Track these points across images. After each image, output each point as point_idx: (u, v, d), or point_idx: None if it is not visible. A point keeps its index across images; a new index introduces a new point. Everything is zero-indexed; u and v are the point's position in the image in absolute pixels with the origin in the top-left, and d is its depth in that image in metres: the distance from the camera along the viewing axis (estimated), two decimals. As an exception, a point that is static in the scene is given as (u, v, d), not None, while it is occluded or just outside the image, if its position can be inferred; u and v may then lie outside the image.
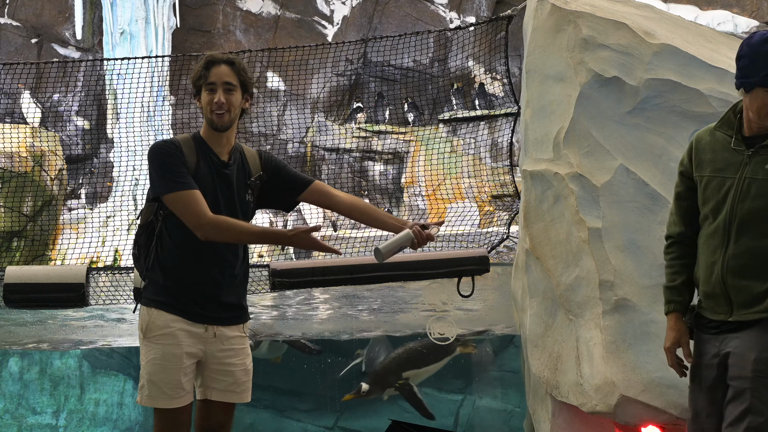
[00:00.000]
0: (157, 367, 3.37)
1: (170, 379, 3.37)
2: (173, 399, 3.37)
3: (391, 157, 14.99)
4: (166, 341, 3.37)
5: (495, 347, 6.95)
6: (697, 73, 4.23)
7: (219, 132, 3.46)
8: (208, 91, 3.44)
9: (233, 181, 3.48)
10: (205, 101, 3.44)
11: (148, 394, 3.39)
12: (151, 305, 3.42)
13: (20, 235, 12.32)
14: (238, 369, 3.51)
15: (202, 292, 3.42)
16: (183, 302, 3.40)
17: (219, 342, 3.46)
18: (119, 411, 6.93)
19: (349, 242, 11.60)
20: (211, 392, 3.49)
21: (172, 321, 3.38)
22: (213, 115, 3.43)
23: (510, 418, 6.64)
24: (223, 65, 3.45)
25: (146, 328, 3.41)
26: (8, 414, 6.83)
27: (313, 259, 10.85)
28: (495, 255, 9.52)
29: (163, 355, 3.37)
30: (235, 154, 3.53)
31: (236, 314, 3.53)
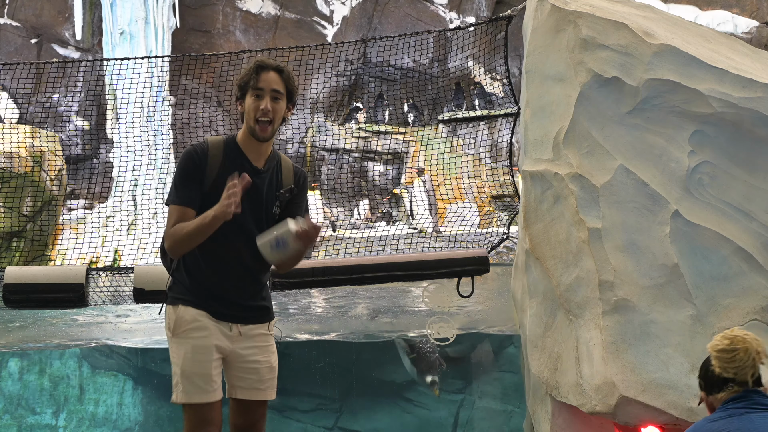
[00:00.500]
0: (189, 361, 3.35)
1: (203, 371, 3.35)
2: (207, 393, 3.35)
3: (391, 157, 14.99)
4: (196, 334, 3.36)
5: (495, 347, 6.95)
6: (697, 74, 4.23)
7: (260, 142, 3.40)
8: (255, 97, 3.37)
9: (263, 190, 3.43)
10: (251, 106, 3.37)
11: (182, 390, 3.36)
12: (178, 303, 3.41)
13: (20, 235, 12.32)
14: (263, 366, 3.49)
15: (227, 297, 3.42)
16: (208, 302, 3.40)
17: (244, 340, 3.45)
18: (119, 411, 6.93)
19: (349, 242, 11.60)
20: (236, 391, 3.48)
21: (200, 315, 3.38)
22: (256, 124, 3.36)
23: (510, 419, 6.63)
24: (272, 72, 3.39)
25: (175, 324, 3.40)
26: (8, 414, 6.82)
27: (313, 259, 10.85)
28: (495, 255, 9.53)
29: (194, 347, 3.36)
30: (271, 162, 3.47)
31: (260, 314, 3.52)
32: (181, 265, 3.44)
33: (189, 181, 3.36)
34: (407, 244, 10.61)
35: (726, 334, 3.07)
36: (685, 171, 4.18)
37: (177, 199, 3.36)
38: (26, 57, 15.02)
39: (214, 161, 3.37)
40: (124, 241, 11.88)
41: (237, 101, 3.47)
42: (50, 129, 13.99)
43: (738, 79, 4.21)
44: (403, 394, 6.98)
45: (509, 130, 7.55)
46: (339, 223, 13.94)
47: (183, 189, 3.36)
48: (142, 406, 6.89)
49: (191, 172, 3.37)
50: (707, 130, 4.20)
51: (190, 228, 3.29)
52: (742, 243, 4.09)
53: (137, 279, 5.02)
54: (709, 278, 4.10)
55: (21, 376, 6.93)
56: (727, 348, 3.03)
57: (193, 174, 3.36)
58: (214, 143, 3.43)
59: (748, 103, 4.16)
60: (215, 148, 3.40)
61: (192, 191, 3.36)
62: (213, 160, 3.37)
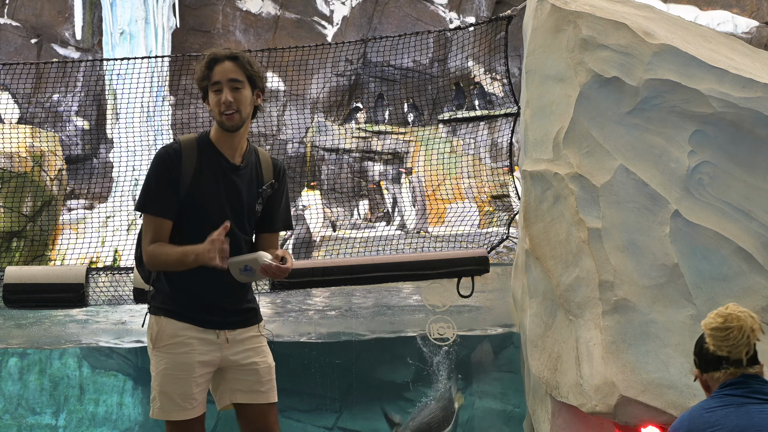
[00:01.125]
0: (169, 378, 3.24)
1: (182, 389, 3.23)
2: (186, 410, 3.24)
3: (391, 157, 14.99)
4: (177, 350, 3.23)
5: (495, 347, 6.94)
6: (697, 74, 4.23)
7: (230, 132, 3.25)
8: (215, 92, 3.22)
9: (242, 187, 3.29)
10: (213, 102, 3.22)
11: (159, 407, 3.26)
12: (160, 313, 3.27)
13: (20, 235, 12.32)
14: (262, 367, 3.36)
15: (210, 301, 3.29)
16: (192, 310, 3.27)
17: (233, 345, 3.32)
18: (119, 411, 6.92)
19: (348, 242, 11.61)
20: (236, 395, 3.35)
21: (182, 329, 3.25)
22: (222, 116, 3.22)
23: (510, 419, 6.63)
24: (226, 62, 3.24)
25: (156, 337, 3.26)
26: (8, 414, 6.82)
27: (313, 260, 10.86)
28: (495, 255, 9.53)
29: (174, 364, 3.23)
30: (249, 157, 3.35)
31: (247, 317, 3.39)
32: (161, 273, 3.30)
33: (163, 188, 3.21)
34: (407, 244, 10.62)
35: (720, 311, 3.01)
36: (685, 171, 4.18)
37: (152, 209, 3.22)
38: (26, 57, 15.02)
39: (188, 162, 3.23)
40: (124, 241, 11.88)
41: (204, 102, 3.31)
42: (50, 129, 13.98)
43: (738, 79, 4.21)
44: (403, 394, 6.98)
45: (509, 130, 7.56)
46: (339, 223, 13.94)
47: (157, 197, 3.21)
48: (142, 406, 6.88)
49: (165, 178, 3.21)
50: (707, 130, 4.20)
51: (170, 259, 3.18)
52: (742, 243, 4.09)
53: (137, 279, 5.01)
54: (709, 278, 4.10)
55: (21, 376, 6.92)
56: (721, 326, 2.98)
57: (168, 179, 3.21)
58: (187, 142, 3.28)
59: (748, 103, 4.16)
60: (189, 148, 3.25)
61: (167, 199, 3.21)
62: (187, 161, 3.23)
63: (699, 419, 2.95)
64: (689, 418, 2.99)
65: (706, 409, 2.96)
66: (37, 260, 12.29)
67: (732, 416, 2.89)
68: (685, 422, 2.97)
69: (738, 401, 2.92)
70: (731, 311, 3.00)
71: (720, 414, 2.91)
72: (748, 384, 2.96)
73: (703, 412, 2.96)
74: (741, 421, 2.87)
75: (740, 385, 2.96)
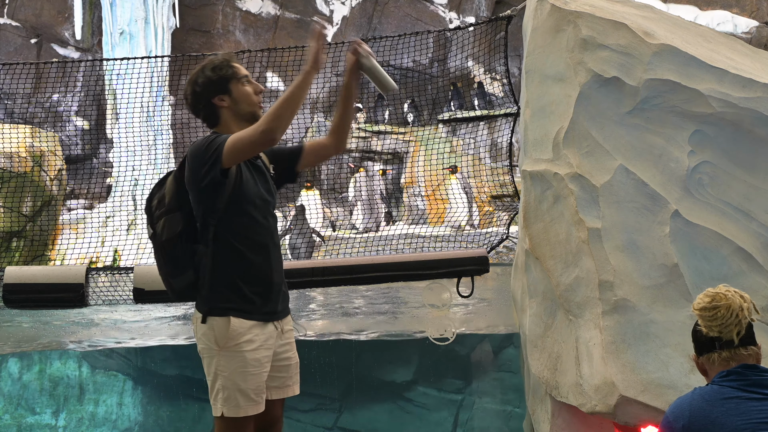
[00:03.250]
0: (245, 375, 3.32)
1: (257, 384, 3.35)
2: (259, 405, 3.37)
3: (390, 157, 14.99)
4: (248, 347, 3.32)
5: (495, 347, 6.94)
6: (697, 74, 4.23)
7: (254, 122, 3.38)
8: (246, 84, 3.46)
9: (263, 170, 3.52)
10: (248, 92, 3.45)
11: (236, 404, 3.33)
12: (229, 313, 3.34)
13: (20, 235, 12.32)
14: (293, 363, 3.55)
15: (271, 283, 3.42)
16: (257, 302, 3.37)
17: (281, 337, 3.48)
18: (119, 411, 6.93)
19: (348, 242, 11.61)
20: (270, 392, 3.47)
21: (251, 327, 3.34)
22: (256, 107, 3.46)
23: (510, 419, 6.63)
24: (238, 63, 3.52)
25: (226, 337, 3.32)
26: (7, 414, 6.82)
27: (313, 260, 10.85)
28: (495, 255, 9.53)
29: (248, 361, 3.33)
30: None
31: (287, 304, 3.57)
32: (217, 270, 3.35)
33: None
34: (407, 244, 10.62)
35: (708, 291, 3.00)
36: (685, 171, 4.18)
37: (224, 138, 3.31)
38: (26, 57, 15.02)
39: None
40: (123, 241, 11.88)
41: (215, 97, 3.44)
42: (50, 129, 13.99)
43: (738, 79, 4.21)
44: (403, 394, 6.98)
45: (509, 130, 7.56)
46: (339, 223, 13.95)
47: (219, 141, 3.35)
48: (142, 406, 6.88)
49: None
50: (707, 130, 4.20)
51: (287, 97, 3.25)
52: (742, 243, 4.10)
53: (137, 279, 5.01)
54: (709, 278, 4.10)
55: (21, 376, 6.93)
56: (708, 306, 2.96)
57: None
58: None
59: (748, 103, 4.16)
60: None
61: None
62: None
63: (699, 412, 2.92)
64: (689, 408, 2.95)
65: (706, 401, 2.93)
66: (37, 260, 12.29)
67: (732, 414, 2.87)
68: (686, 412, 2.94)
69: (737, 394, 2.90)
70: (719, 290, 2.98)
71: (720, 411, 2.88)
72: (746, 376, 2.93)
73: (704, 404, 2.93)
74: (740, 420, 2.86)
75: (738, 377, 2.93)
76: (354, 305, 8.64)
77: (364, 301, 8.77)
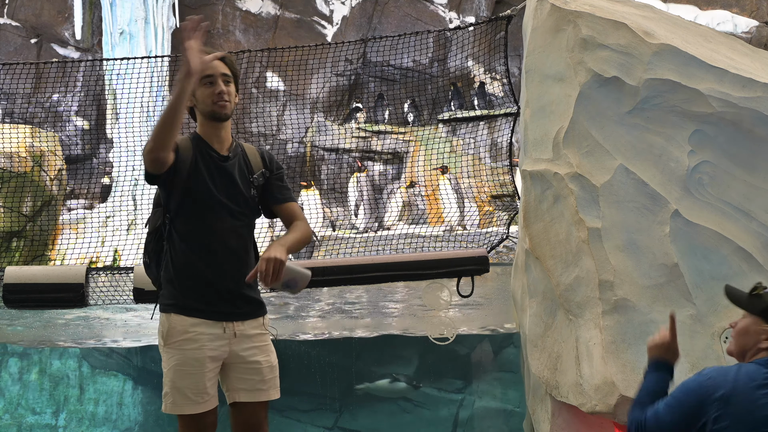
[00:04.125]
0: (181, 373, 3.34)
1: (195, 384, 3.34)
2: (198, 404, 3.35)
3: (390, 157, 14.99)
4: (187, 346, 3.34)
5: (495, 347, 6.94)
6: (697, 73, 4.23)
7: (220, 122, 3.44)
8: (207, 84, 3.41)
9: (234, 174, 3.46)
10: (205, 94, 3.42)
11: (172, 402, 3.36)
12: (170, 310, 3.38)
13: (20, 235, 12.32)
14: (264, 366, 3.46)
15: (218, 288, 3.39)
16: (199, 302, 3.37)
17: (241, 340, 3.42)
18: (119, 411, 6.93)
19: (348, 242, 11.60)
20: (239, 394, 3.45)
21: (192, 325, 3.35)
22: (215, 106, 3.41)
23: (510, 418, 6.63)
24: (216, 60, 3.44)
25: (167, 334, 3.37)
26: (8, 414, 6.82)
27: (313, 260, 10.85)
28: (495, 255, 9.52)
29: (185, 360, 3.34)
30: (236, 149, 3.52)
31: (252, 308, 3.49)
32: (169, 267, 3.41)
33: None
34: (407, 244, 10.61)
35: None
36: (685, 171, 4.18)
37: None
38: (26, 57, 15.02)
39: (186, 154, 3.39)
40: (123, 241, 11.88)
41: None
42: (50, 129, 13.98)
43: (738, 79, 4.21)
44: (403, 394, 6.98)
45: (509, 129, 7.56)
46: (339, 223, 13.94)
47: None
48: (142, 406, 6.88)
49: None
50: (707, 130, 4.20)
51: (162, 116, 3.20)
52: (742, 243, 4.09)
53: (137, 279, 5.01)
54: (709, 278, 4.10)
55: (21, 376, 6.92)
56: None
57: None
58: (183, 140, 3.44)
59: (748, 102, 4.16)
60: (183, 141, 3.43)
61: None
62: (185, 152, 3.39)
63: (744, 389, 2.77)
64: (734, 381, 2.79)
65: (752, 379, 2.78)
66: (37, 260, 12.29)
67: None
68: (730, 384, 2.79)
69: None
70: None
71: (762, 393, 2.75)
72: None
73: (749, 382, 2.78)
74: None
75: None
76: (354, 305, 8.64)
77: (364, 301, 8.77)
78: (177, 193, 3.38)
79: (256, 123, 14.28)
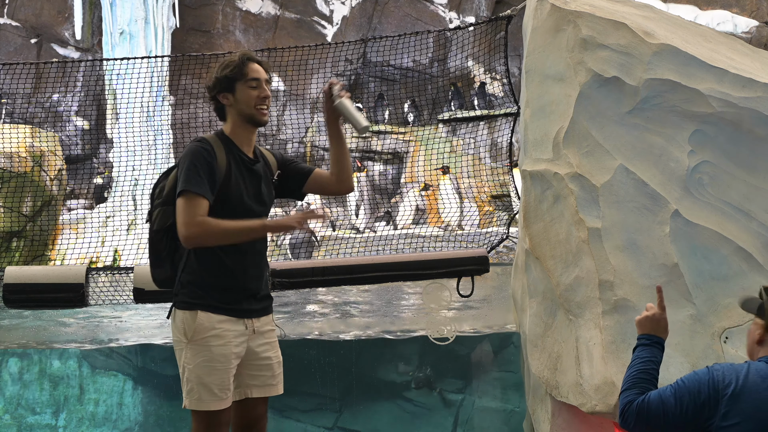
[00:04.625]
0: (208, 369, 3.37)
1: (221, 380, 3.38)
2: (222, 400, 3.39)
3: (390, 157, 14.99)
4: (215, 342, 3.38)
5: (495, 347, 6.94)
6: (697, 73, 4.23)
7: (257, 127, 3.52)
8: (251, 87, 3.47)
9: (261, 177, 3.54)
10: (249, 96, 3.46)
11: (198, 398, 3.38)
12: (196, 308, 3.41)
13: (20, 235, 12.32)
14: (274, 362, 3.55)
15: (243, 286, 3.46)
16: (225, 300, 3.42)
17: (257, 337, 3.50)
18: (119, 411, 6.93)
19: (348, 242, 11.61)
20: (251, 390, 3.51)
21: (219, 321, 3.39)
22: (257, 110, 3.47)
23: (510, 418, 6.63)
24: (258, 64, 3.51)
25: (194, 331, 3.38)
26: (8, 414, 6.82)
27: (313, 259, 10.85)
28: (495, 255, 9.52)
29: (213, 356, 3.37)
30: (257, 151, 3.60)
31: (267, 304, 3.59)
32: (192, 265, 3.43)
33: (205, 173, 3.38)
34: (407, 244, 10.61)
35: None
36: (685, 171, 4.18)
37: (198, 189, 3.34)
38: (26, 57, 15.02)
39: (221, 156, 3.43)
40: (123, 241, 11.88)
41: (219, 94, 3.51)
42: (50, 129, 13.98)
43: (738, 79, 4.21)
44: (403, 394, 6.98)
45: (509, 129, 7.56)
46: (339, 223, 13.94)
47: (201, 180, 3.35)
48: (142, 406, 6.88)
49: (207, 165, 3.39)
50: (707, 130, 4.20)
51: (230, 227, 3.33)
52: (742, 243, 4.09)
53: (137, 279, 5.02)
54: (709, 278, 4.10)
55: (21, 376, 6.92)
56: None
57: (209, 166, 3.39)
58: (214, 140, 3.47)
59: (748, 102, 4.16)
60: (217, 145, 3.45)
61: (209, 183, 3.38)
62: (220, 155, 3.43)
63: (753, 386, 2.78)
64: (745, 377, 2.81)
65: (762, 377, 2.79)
66: (37, 260, 12.29)
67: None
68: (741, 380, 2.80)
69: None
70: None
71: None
72: None
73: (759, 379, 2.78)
74: None
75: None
76: (354, 305, 8.64)
77: (364, 301, 8.77)
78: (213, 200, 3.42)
79: (256, 123, 14.27)
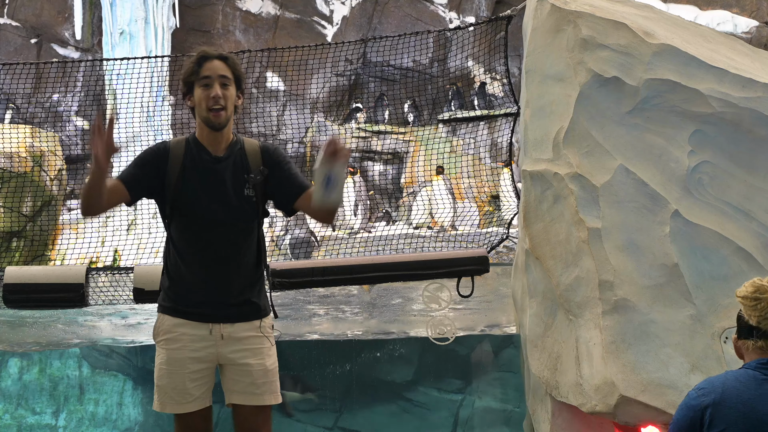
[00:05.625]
0: (163, 372, 3.36)
1: (175, 384, 3.34)
2: (180, 404, 3.35)
3: (390, 157, 14.99)
4: (170, 346, 3.35)
5: (495, 347, 6.94)
6: (697, 73, 4.23)
7: (216, 131, 3.34)
8: (203, 87, 3.31)
9: (224, 176, 3.35)
10: (200, 97, 3.31)
11: (157, 399, 3.40)
12: (159, 310, 3.43)
13: (20, 235, 12.32)
14: (256, 369, 3.37)
15: (204, 291, 3.35)
16: (184, 303, 3.36)
17: (231, 343, 3.37)
18: (119, 411, 6.92)
19: (348, 242, 11.61)
20: (231, 396, 3.41)
21: (175, 325, 3.35)
22: (209, 112, 3.30)
23: (510, 418, 6.62)
24: (216, 60, 3.33)
25: (155, 332, 3.41)
26: (8, 414, 6.82)
27: (313, 260, 10.86)
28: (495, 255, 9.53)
29: (168, 359, 3.35)
30: (233, 148, 3.40)
31: (243, 311, 3.40)
32: (164, 269, 3.43)
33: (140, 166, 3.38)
34: (407, 244, 10.62)
35: (754, 281, 2.97)
36: (685, 171, 4.18)
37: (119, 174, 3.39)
38: (26, 57, 15.03)
39: (175, 161, 3.35)
40: (123, 241, 11.88)
41: (185, 98, 3.40)
42: (50, 129, 13.99)
43: (738, 79, 4.21)
44: (403, 394, 6.97)
45: (509, 130, 7.56)
46: (338, 224, 13.94)
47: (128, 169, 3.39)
48: (142, 406, 6.88)
49: (141, 159, 3.39)
50: (707, 130, 4.20)
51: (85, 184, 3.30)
52: (742, 243, 4.09)
53: (137, 279, 5.02)
54: (709, 278, 4.10)
55: (21, 376, 6.93)
56: (750, 295, 2.94)
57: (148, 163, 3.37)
58: (176, 143, 3.41)
59: (748, 102, 4.16)
60: (177, 148, 3.38)
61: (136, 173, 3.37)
62: (174, 160, 3.35)
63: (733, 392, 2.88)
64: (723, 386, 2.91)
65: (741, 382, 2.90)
66: (37, 260, 12.29)
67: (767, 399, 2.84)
68: (719, 389, 2.90)
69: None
70: (765, 283, 2.94)
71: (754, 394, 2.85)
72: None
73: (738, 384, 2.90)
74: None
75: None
76: (353, 305, 8.64)
77: (363, 301, 8.76)
78: (167, 205, 3.39)
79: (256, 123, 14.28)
